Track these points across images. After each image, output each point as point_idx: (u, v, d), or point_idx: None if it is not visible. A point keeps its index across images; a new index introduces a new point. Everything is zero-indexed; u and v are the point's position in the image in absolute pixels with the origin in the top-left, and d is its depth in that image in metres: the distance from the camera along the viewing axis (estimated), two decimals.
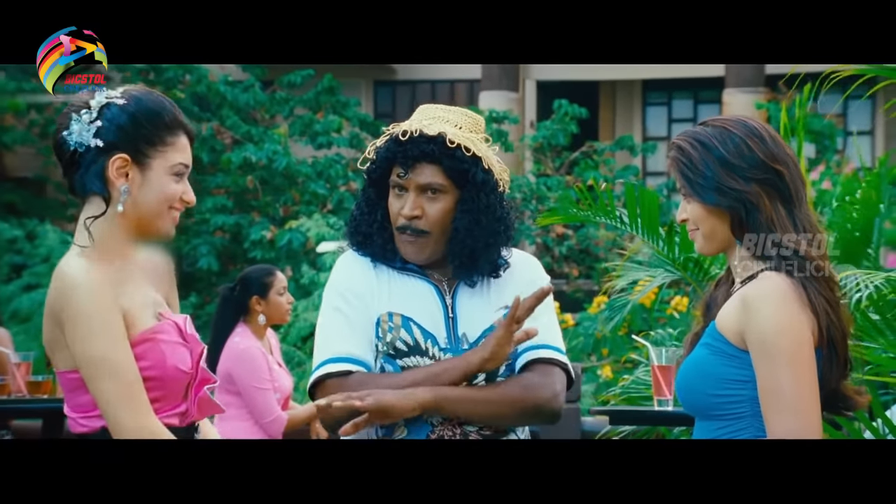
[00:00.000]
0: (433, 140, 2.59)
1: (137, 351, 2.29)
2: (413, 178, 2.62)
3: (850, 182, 6.14)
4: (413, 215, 2.62)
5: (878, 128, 17.93)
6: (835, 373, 2.34)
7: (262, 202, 13.95)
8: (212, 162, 14.06)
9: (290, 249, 12.21)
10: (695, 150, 2.38)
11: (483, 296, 2.69)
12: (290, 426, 5.04)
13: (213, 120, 14.33)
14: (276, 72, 15.14)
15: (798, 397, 2.24)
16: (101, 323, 2.22)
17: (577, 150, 14.75)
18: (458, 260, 2.65)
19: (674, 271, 5.16)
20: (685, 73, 16.56)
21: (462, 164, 2.60)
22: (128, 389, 2.22)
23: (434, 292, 2.68)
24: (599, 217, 5.20)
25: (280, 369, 5.17)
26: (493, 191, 2.65)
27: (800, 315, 2.27)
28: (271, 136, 14.07)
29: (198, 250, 13.29)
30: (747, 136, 2.35)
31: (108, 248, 2.34)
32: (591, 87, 18.03)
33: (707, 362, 2.36)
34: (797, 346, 2.26)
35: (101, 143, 2.33)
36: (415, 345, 2.64)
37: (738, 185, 2.33)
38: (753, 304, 2.28)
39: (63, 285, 2.26)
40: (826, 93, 4.09)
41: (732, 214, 2.36)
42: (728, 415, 2.33)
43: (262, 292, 5.07)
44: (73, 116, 2.35)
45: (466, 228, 2.62)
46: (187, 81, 14.42)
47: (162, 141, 2.37)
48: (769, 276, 2.32)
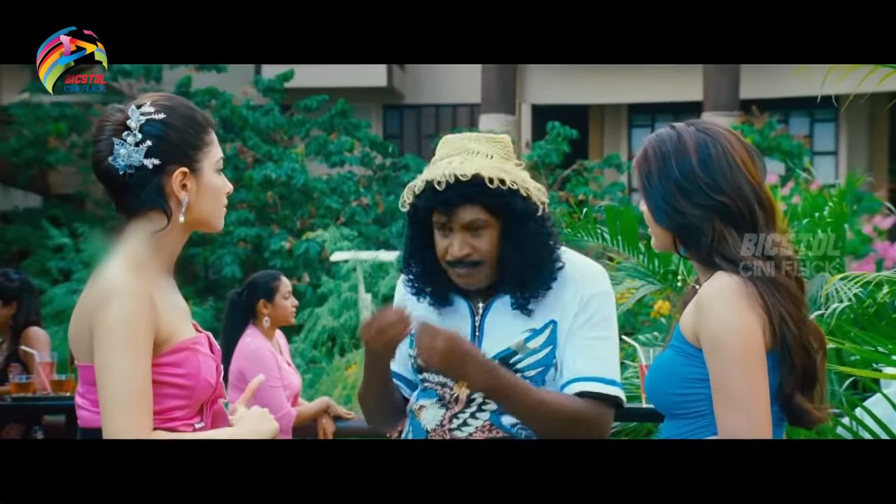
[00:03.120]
0: (470, 184, 2.39)
1: (177, 358, 2.13)
2: (456, 220, 2.42)
3: (814, 198, 6.13)
4: (464, 254, 2.43)
5: (842, 149, 17.86)
6: (790, 380, 2.15)
7: (280, 215, 14.10)
8: (235, 179, 14.27)
9: (307, 258, 12.23)
10: (655, 161, 2.22)
11: (517, 311, 2.47)
12: (299, 421, 4.93)
13: (236, 140, 14.49)
14: (293, 96, 15.26)
15: (746, 395, 2.08)
16: (126, 336, 2.05)
17: (568, 167, 14.79)
18: (508, 287, 2.46)
19: (655, 282, 5.09)
20: (667, 97, 16.53)
21: (501, 199, 2.41)
22: (131, 399, 2.04)
23: (467, 310, 2.50)
24: (582, 236, 5.15)
25: (289, 368, 5.06)
26: (534, 217, 2.44)
27: (749, 314, 2.11)
28: (289, 155, 14.23)
29: (222, 259, 13.48)
30: (699, 163, 2.19)
31: (160, 258, 2.18)
32: (582, 110, 18.02)
33: (671, 362, 2.21)
34: (745, 345, 2.09)
35: (156, 162, 2.13)
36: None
37: (686, 209, 2.18)
38: (704, 303, 2.13)
39: (104, 290, 2.08)
40: (795, 115, 3.94)
41: (675, 234, 2.22)
42: (690, 413, 2.18)
43: (268, 296, 4.94)
44: (116, 141, 2.14)
45: (511, 257, 2.43)
46: (213, 105, 14.52)
47: (204, 142, 2.20)
48: (720, 276, 2.15)
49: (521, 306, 2.43)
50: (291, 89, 15.28)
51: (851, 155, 17.62)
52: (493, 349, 2.43)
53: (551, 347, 2.43)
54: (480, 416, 2.43)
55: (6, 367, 5.58)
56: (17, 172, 15.28)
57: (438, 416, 2.44)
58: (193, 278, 14.56)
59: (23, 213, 15.67)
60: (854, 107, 14.46)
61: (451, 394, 2.45)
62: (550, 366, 2.43)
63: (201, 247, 13.76)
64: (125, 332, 2.04)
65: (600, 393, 2.40)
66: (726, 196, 2.16)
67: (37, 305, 5.77)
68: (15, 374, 5.41)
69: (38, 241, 14.28)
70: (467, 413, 2.44)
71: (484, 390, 2.37)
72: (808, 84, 3.46)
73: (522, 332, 2.44)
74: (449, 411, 2.45)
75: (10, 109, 15.45)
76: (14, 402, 5.16)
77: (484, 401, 2.42)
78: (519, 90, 16.78)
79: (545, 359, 2.43)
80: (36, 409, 5.34)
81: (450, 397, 2.45)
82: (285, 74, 15.05)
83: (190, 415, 2.16)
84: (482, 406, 2.43)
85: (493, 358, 2.41)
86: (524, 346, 2.43)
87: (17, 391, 5.25)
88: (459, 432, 2.42)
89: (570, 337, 2.42)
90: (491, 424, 2.42)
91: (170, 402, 2.12)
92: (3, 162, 15.21)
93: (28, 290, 5.67)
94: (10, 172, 15.41)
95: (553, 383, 2.43)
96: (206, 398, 2.18)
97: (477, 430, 2.41)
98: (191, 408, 2.15)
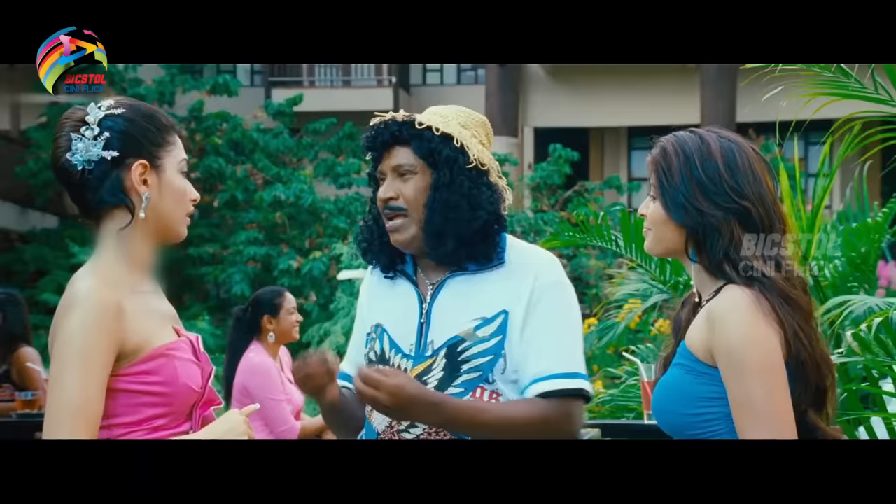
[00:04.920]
0: (403, 123, 2.30)
1: (152, 366, 2.00)
2: (387, 162, 2.32)
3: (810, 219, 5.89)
4: (387, 196, 2.31)
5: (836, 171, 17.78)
6: (804, 397, 2.02)
7: (289, 235, 14.14)
8: (245, 200, 14.38)
9: (313, 277, 12.17)
10: (676, 159, 2.09)
11: (466, 298, 2.29)
12: (303, 435, 4.84)
13: (246, 162, 14.56)
14: (302, 120, 15.35)
15: (770, 408, 1.96)
16: (80, 349, 1.92)
17: (570, 188, 14.85)
18: (430, 241, 2.28)
19: (665, 291, 4.95)
20: (665, 121, 16.49)
21: (430, 144, 2.28)
22: (73, 412, 1.91)
23: (415, 297, 2.33)
24: (596, 241, 5.05)
25: (292, 384, 4.93)
26: (463, 169, 2.28)
27: (765, 327, 1.98)
28: (298, 176, 14.30)
29: (232, 278, 13.52)
30: (724, 166, 2.07)
31: (128, 260, 2.05)
32: (583, 132, 18.03)
33: (680, 382, 2.06)
34: (765, 357, 1.96)
35: (114, 154, 2.02)
36: (381, 354, 2.32)
37: (706, 209, 2.06)
38: (718, 318, 2.00)
39: (68, 299, 1.96)
40: (788, 139, 3.88)
41: (690, 233, 2.08)
42: (704, 433, 2.04)
43: (273, 312, 4.83)
44: (74, 136, 2.03)
45: (433, 207, 2.27)
46: (224, 129, 14.62)
47: (166, 140, 2.08)
48: (732, 290, 2.02)
49: (472, 288, 2.27)
50: (300, 113, 15.41)
51: (844, 177, 17.54)
52: (441, 337, 2.26)
53: (501, 337, 2.25)
54: None
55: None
56: (35, 194, 15.30)
57: (387, 418, 2.28)
58: (205, 297, 14.55)
59: (40, 234, 15.70)
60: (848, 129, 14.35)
61: None
62: (499, 356, 2.25)
63: (212, 265, 13.76)
64: (79, 344, 1.92)
65: (564, 389, 2.23)
66: (749, 201, 2.06)
67: (25, 320, 5.62)
68: (9, 392, 5.29)
69: (55, 260, 14.24)
70: None
71: (439, 426, 2.21)
72: (804, 108, 3.42)
73: (472, 319, 2.26)
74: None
75: (29, 133, 15.51)
76: (19, 419, 5.04)
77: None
78: (521, 113, 16.84)
79: (494, 348, 2.25)
80: (41, 425, 5.19)
81: None
82: (294, 98, 15.17)
83: (176, 422, 2.03)
84: None
85: (441, 346, 2.25)
86: (473, 335, 2.25)
87: (22, 408, 5.13)
88: (408, 434, 2.26)
89: (526, 331, 2.24)
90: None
91: (148, 410, 1.99)
92: (21, 184, 15.24)
93: (14, 304, 5.55)
94: (28, 194, 15.44)
95: (502, 376, 2.25)
96: (190, 404, 2.05)
97: (424, 433, 2.25)
98: (174, 415, 2.02)
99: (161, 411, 2.00)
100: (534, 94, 17.25)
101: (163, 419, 2.00)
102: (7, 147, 15.75)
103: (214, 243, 14.12)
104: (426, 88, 18.33)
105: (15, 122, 16.31)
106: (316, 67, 18.08)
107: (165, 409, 2.00)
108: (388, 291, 2.38)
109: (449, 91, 17.68)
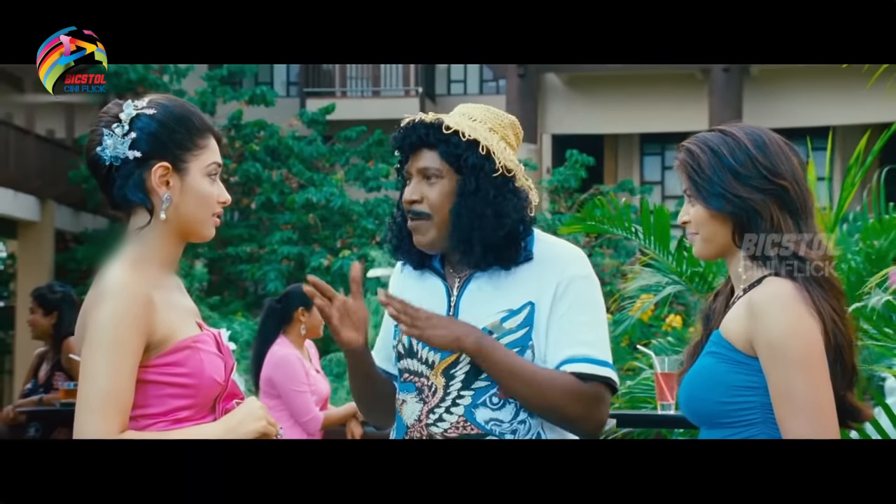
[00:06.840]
0: (430, 126, 2.19)
1: (178, 357, 1.93)
2: (414, 164, 2.22)
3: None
4: (412, 199, 2.21)
5: (836, 175, 17.57)
6: (842, 381, 1.94)
7: (321, 235, 14.14)
8: (280, 202, 14.36)
9: (342, 274, 12.24)
10: (704, 155, 2.00)
11: (493, 291, 2.20)
12: (327, 424, 4.75)
13: (282, 167, 14.55)
14: (335, 128, 15.34)
15: (813, 400, 1.85)
16: (111, 336, 1.86)
17: (585, 192, 14.68)
18: (456, 246, 2.20)
19: (680, 283, 4.74)
20: (675, 128, 16.36)
21: (457, 149, 2.17)
22: (103, 399, 1.85)
23: (443, 290, 2.25)
24: (616, 229, 4.87)
25: (318, 375, 4.88)
26: (489, 176, 2.17)
27: (808, 318, 1.88)
28: (330, 181, 14.28)
29: (267, 275, 13.47)
30: (756, 150, 1.98)
31: (154, 256, 1.98)
32: (597, 139, 17.94)
33: (714, 370, 1.95)
34: (807, 349, 1.87)
35: (138, 154, 1.95)
36: (409, 347, 2.24)
37: (744, 193, 1.96)
38: (760, 309, 1.90)
39: (100, 289, 1.91)
40: (795, 143, 3.71)
41: (735, 221, 1.98)
42: (739, 422, 1.93)
43: (307, 305, 4.68)
44: (105, 132, 1.96)
45: (459, 213, 2.18)
46: (261, 136, 14.64)
47: (195, 144, 1.99)
48: (774, 281, 1.93)
49: (500, 282, 2.19)
50: (333, 121, 15.42)
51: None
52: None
53: (528, 329, 2.17)
54: (455, 412, 2.19)
55: (52, 376, 5.46)
56: (88, 197, 15.34)
57: (416, 411, 2.21)
58: (244, 293, 14.56)
59: (91, 234, 15.77)
60: (847, 136, 14.15)
61: (429, 385, 2.21)
62: (527, 347, 2.17)
63: (249, 264, 13.80)
64: (111, 331, 1.86)
65: (593, 374, 2.14)
66: (786, 180, 1.97)
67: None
68: (61, 382, 5.25)
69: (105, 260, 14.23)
70: (442, 408, 2.20)
71: (475, 351, 2.13)
72: (808, 115, 3.28)
73: (498, 312, 2.17)
74: (426, 405, 2.21)
75: (81, 141, 15.56)
76: (63, 408, 5.00)
77: (459, 394, 2.19)
78: (540, 121, 16.78)
79: (521, 339, 2.17)
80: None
81: (427, 390, 2.21)
82: (327, 108, 15.20)
83: (200, 414, 1.96)
84: (456, 400, 2.19)
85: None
86: (500, 327, 2.17)
87: (65, 397, 5.07)
88: (436, 428, 2.19)
89: (553, 323, 2.17)
90: (465, 420, 2.18)
91: (174, 402, 1.92)
92: (75, 188, 15.30)
93: (69, 302, 5.52)
94: (81, 198, 15.50)
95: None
96: (214, 396, 1.98)
97: (452, 427, 2.18)
98: (199, 407, 1.95)
99: (186, 403, 1.94)
100: (552, 103, 17.16)
101: (187, 411, 1.94)
102: (63, 153, 15.84)
103: (252, 243, 14.18)
104: (450, 98, 18.27)
105: (69, 129, 16.40)
106: (348, 79, 18.09)
107: (190, 400, 1.95)
108: (416, 285, 2.30)
109: (472, 101, 17.60)
